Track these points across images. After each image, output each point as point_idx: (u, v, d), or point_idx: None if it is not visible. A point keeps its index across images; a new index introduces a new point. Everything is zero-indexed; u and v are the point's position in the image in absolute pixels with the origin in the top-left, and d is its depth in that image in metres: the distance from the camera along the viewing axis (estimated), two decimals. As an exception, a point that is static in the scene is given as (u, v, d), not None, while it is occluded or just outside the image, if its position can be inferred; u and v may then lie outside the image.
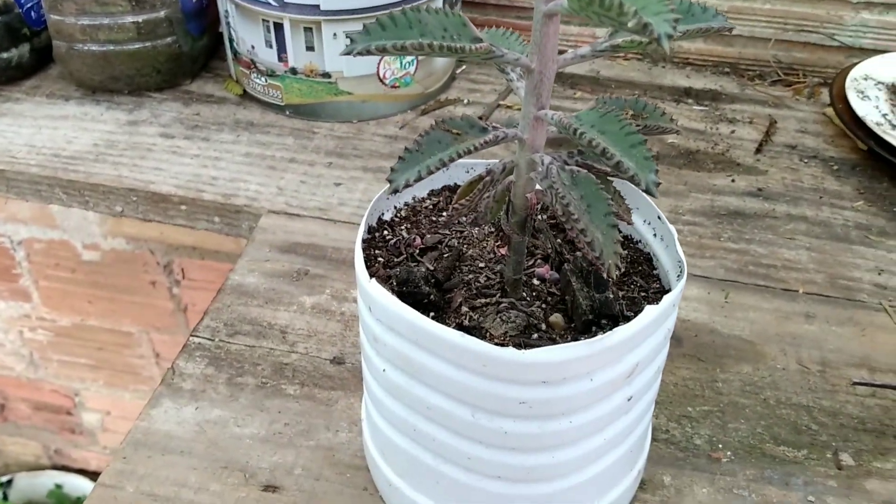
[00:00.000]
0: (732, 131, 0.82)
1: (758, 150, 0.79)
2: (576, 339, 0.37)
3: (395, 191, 0.33)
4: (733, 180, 0.75)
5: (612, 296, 0.39)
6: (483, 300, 0.41)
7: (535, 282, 0.42)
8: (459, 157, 0.34)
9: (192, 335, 0.59)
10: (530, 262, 0.43)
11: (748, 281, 0.64)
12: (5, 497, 1.38)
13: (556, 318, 0.40)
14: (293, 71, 0.78)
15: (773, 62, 0.94)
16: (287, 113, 0.82)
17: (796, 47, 0.93)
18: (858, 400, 0.55)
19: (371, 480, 0.49)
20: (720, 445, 0.52)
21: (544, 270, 0.43)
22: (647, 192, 0.30)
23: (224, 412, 0.53)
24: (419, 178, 0.33)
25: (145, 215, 0.75)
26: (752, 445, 0.52)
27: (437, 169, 0.34)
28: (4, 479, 1.39)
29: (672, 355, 0.58)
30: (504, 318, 0.39)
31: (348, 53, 0.31)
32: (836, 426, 0.53)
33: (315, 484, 0.49)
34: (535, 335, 0.39)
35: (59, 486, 1.36)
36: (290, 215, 0.70)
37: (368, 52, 0.31)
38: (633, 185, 0.42)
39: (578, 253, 0.42)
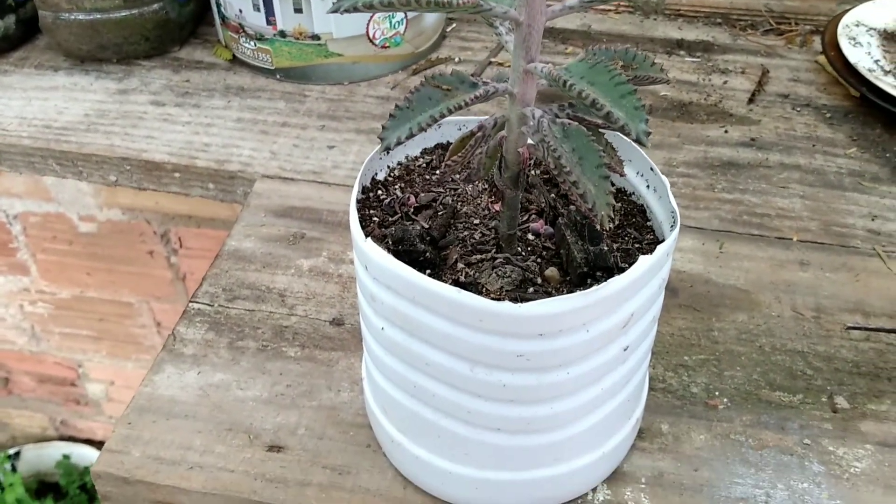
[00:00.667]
0: (725, 82, 0.82)
1: (750, 101, 0.79)
2: (571, 292, 0.37)
3: (388, 149, 0.33)
4: (726, 131, 0.75)
5: (606, 248, 0.40)
6: (479, 256, 0.41)
7: (530, 237, 0.43)
8: (450, 112, 0.34)
9: (191, 301, 0.59)
10: (525, 218, 0.44)
11: (742, 231, 0.65)
12: (14, 469, 1.39)
13: (552, 271, 0.40)
14: (282, 34, 0.78)
15: (765, 11, 0.93)
16: (278, 77, 0.82)
17: (788, -5, 0.92)
18: (853, 344, 0.55)
19: (374, 437, 0.50)
20: (717, 393, 0.52)
21: (539, 225, 0.43)
22: (638, 141, 0.30)
23: (226, 376, 0.54)
24: (411, 136, 0.33)
25: (139, 184, 0.75)
26: (748, 392, 0.52)
27: (429, 126, 0.34)
28: (12, 451, 1.40)
29: (668, 306, 0.58)
30: (500, 273, 0.39)
31: (335, 11, 0.31)
32: (830, 370, 0.54)
33: (318, 443, 0.50)
34: (531, 289, 0.39)
35: (66, 457, 1.38)
36: (285, 179, 0.70)
37: (355, 9, 0.31)
38: (625, 138, 0.42)
39: (572, 207, 0.42)
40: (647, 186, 0.45)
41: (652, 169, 0.44)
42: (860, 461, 0.48)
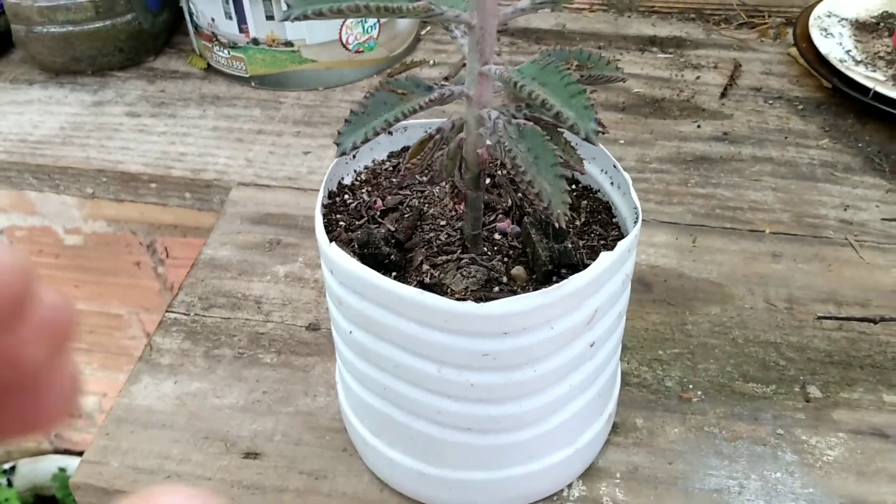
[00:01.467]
0: (697, 77, 0.83)
1: (723, 95, 0.80)
2: (536, 290, 0.38)
3: (343, 153, 0.34)
4: (699, 126, 0.76)
5: (570, 245, 0.40)
6: (444, 257, 0.41)
7: (497, 236, 0.43)
8: (405, 116, 0.35)
9: (167, 311, 0.59)
10: (492, 218, 0.44)
11: (715, 224, 0.65)
12: (10, 484, 1.39)
13: (518, 270, 0.41)
14: (255, 41, 0.78)
15: (738, 5, 0.94)
16: (252, 84, 0.82)
17: (759, -11, 0.93)
18: (825, 334, 0.56)
19: (349, 441, 0.50)
20: (691, 386, 0.53)
21: (505, 225, 0.43)
22: (587, 140, 0.31)
23: (203, 384, 0.54)
24: (366, 140, 0.34)
25: (117, 195, 0.75)
26: (721, 384, 0.53)
27: (384, 130, 0.34)
28: (7, 465, 1.40)
29: (642, 301, 0.59)
30: (465, 273, 0.40)
31: (285, 20, 0.31)
32: (803, 360, 0.54)
33: (295, 448, 0.50)
34: (497, 288, 0.40)
35: (62, 470, 1.37)
36: (260, 186, 0.70)
37: (305, 17, 0.31)
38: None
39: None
40: (612, 183, 0.45)
41: (615, 166, 0.44)
42: (833, 449, 0.49)
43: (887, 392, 0.52)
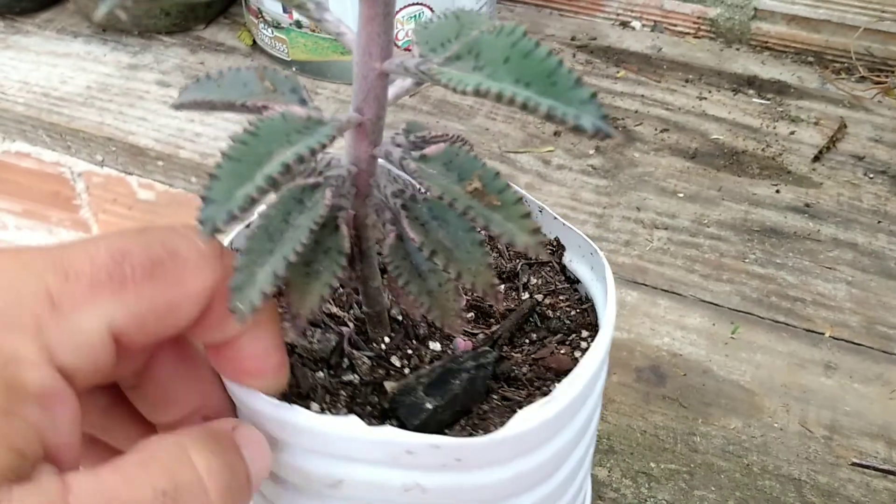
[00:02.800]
0: (792, 132, 0.71)
1: (816, 158, 0.68)
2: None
3: (214, 231, 0.22)
4: (778, 191, 0.64)
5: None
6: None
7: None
8: (313, 154, 0.25)
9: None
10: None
11: (765, 314, 0.54)
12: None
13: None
14: (298, 24, 0.72)
15: (857, 55, 0.81)
16: (293, 69, 0.76)
17: (893, 39, 0.79)
18: (865, 480, 0.45)
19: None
20: (678, 517, 0.43)
21: (463, 344, 0.33)
22: (603, 134, 0.20)
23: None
24: (249, 205, 0.22)
25: (125, 167, 0.70)
26: (716, 522, 0.43)
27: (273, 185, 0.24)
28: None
29: (649, 395, 0.49)
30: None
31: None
32: (828, 512, 0.43)
33: None
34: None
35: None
36: (264, 183, 0.64)
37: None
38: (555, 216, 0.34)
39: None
40: (592, 269, 0.35)
41: (593, 254, 0.34)
42: None
43: (928, 578, 0.40)
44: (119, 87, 0.74)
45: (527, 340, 0.33)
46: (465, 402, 0.28)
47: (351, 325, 0.32)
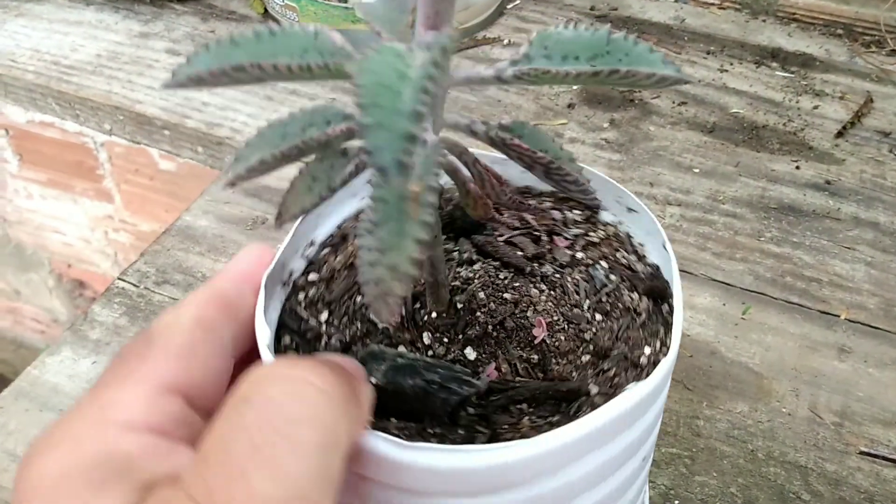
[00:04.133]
0: (815, 107, 0.68)
1: (839, 134, 0.65)
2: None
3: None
4: (798, 167, 0.62)
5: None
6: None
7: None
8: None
9: (118, 277, 0.53)
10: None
11: (779, 295, 0.52)
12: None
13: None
14: (308, -8, 0.70)
15: (888, 27, 0.77)
16: (304, 38, 0.74)
17: (926, 10, 0.76)
18: (874, 470, 0.43)
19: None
20: (676, 501, 0.41)
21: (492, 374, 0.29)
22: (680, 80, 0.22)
23: (120, 371, 0.48)
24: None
25: (132, 137, 0.70)
26: (717, 509, 0.41)
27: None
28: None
29: (653, 377, 0.47)
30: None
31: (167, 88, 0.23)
32: (833, 500, 0.42)
33: (185, 472, 0.43)
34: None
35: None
36: (269, 154, 0.63)
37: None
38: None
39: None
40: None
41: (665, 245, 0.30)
42: None
43: (937, 572, 0.39)
44: (129, 55, 0.73)
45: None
46: (415, 407, 0.27)
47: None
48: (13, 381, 0.47)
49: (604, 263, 0.31)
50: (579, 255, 0.32)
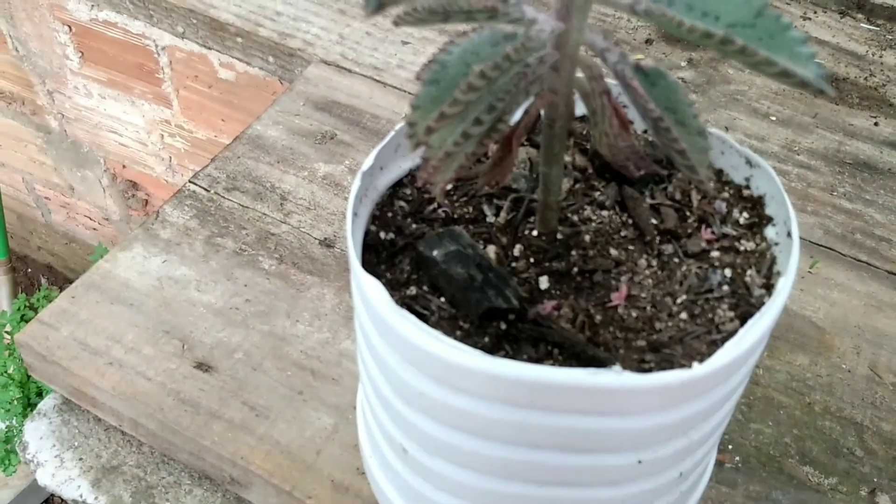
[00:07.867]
0: (901, 63, 0.66)
1: (924, 92, 0.63)
2: None
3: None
4: (877, 123, 0.61)
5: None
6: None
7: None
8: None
9: (190, 181, 0.54)
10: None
11: (847, 252, 0.52)
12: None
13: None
14: None
15: None
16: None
17: None
18: (932, 433, 0.43)
19: (307, 384, 0.43)
20: (730, 446, 0.42)
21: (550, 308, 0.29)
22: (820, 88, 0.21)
23: (189, 272, 0.49)
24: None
25: (204, 41, 0.70)
26: (770, 456, 0.42)
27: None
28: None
29: (714, 322, 0.47)
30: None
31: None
32: (887, 459, 0.42)
33: (250, 374, 0.44)
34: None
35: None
36: (341, 69, 0.62)
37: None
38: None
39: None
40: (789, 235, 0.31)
41: (789, 234, 0.30)
42: (880, 587, 0.37)
43: None
44: (203, -43, 0.73)
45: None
46: (455, 295, 0.28)
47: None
48: (83, 274, 0.49)
49: (727, 272, 0.30)
50: (714, 253, 0.31)
